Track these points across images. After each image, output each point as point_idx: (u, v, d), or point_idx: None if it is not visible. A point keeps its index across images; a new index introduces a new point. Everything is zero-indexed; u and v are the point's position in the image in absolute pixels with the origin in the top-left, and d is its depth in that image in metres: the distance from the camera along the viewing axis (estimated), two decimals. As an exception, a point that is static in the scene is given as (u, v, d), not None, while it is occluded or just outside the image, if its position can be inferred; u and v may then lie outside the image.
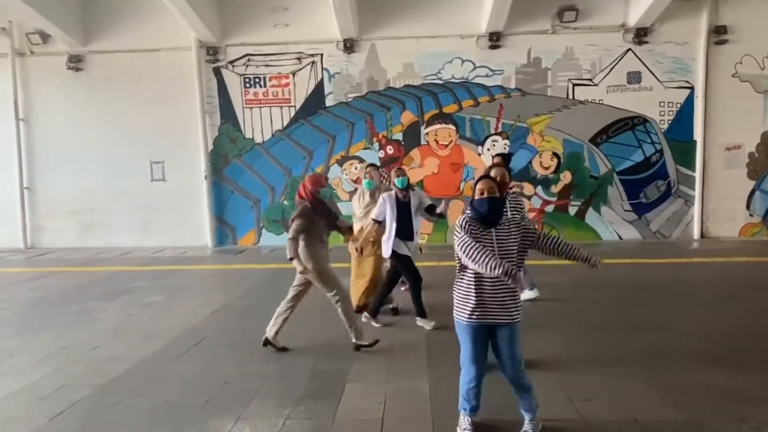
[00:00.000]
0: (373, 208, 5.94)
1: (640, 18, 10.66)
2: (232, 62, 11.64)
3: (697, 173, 11.24)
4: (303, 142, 11.70)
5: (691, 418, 3.52)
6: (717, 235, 11.34)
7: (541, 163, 11.45)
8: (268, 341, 4.93)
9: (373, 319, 5.69)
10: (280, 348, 4.92)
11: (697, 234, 11.31)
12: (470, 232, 3.11)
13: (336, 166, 11.67)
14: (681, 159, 11.29)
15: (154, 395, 4.09)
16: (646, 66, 11.15)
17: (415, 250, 5.86)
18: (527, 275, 6.19)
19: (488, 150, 11.33)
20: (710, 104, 11.08)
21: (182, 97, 11.57)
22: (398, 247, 5.56)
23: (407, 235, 5.59)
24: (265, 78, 11.64)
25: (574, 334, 5.30)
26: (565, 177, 11.43)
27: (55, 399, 4.05)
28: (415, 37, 11.23)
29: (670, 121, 11.24)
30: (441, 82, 11.42)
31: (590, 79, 11.27)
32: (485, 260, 2.93)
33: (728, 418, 3.50)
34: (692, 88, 11.10)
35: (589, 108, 11.30)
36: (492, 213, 3.10)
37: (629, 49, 11.13)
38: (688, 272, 8.37)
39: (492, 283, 3.13)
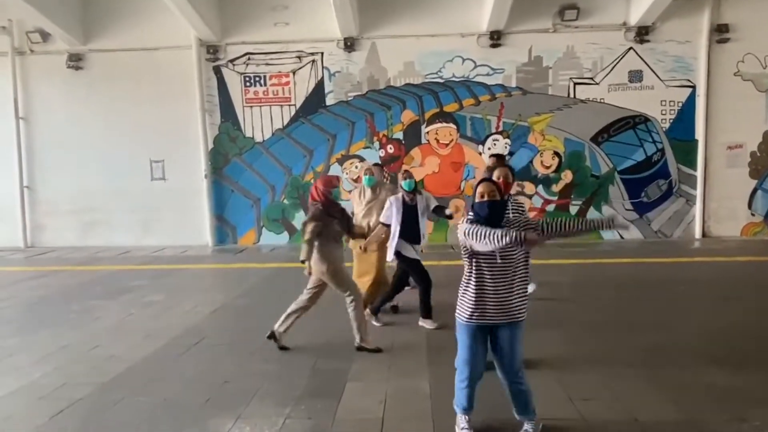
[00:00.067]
0: (374, 204, 5.92)
1: (642, 16, 10.65)
2: (232, 61, 11.62)
3: (699, 172, 11.22)
4: (303, 141, 11.69)
5: (691, 417, 3.51)
6: (718, 235, 11.32)
7: (542, 162, 11.44)
8: (274, 335, 4.92)
9: (374, 318, 5.68)
10: (281, 346, 4.91)
11: (698, 233, 11.30)
12: None
13: (336, 165, 11.66)
14: (682, 158, 11.27)
15: (154, 394, 4.09)
16: (647, 65, 11.13)
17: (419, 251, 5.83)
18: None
19: (489, 149, 11.33)
20: (712, 103, 11.06)
21: (182, 95, 11.55)
22: (404, 249, 5.52)
23: (414, 238, 5.54)
24: (265, 77, 11.62)
25: (575, 333, 5.29)
26: (566, 176, 11.42)
27: (56, 398, 4.04)
28: (416, 35, 11.21)
29: (671, 120, 11.22)
30: (442, 80, 11.41)
31: (591, 78, 11.25)
32: (492, 234, 2.87)
33: (729, 417, 3.49)
34: (694, 86, 11.08)
35: (591, 107, 11.29)
36: (492, 216, 3.08)
37: (630, 48, 11.11)
38: (689, 272, 8.36)
39: (493, 281, 3.11)
